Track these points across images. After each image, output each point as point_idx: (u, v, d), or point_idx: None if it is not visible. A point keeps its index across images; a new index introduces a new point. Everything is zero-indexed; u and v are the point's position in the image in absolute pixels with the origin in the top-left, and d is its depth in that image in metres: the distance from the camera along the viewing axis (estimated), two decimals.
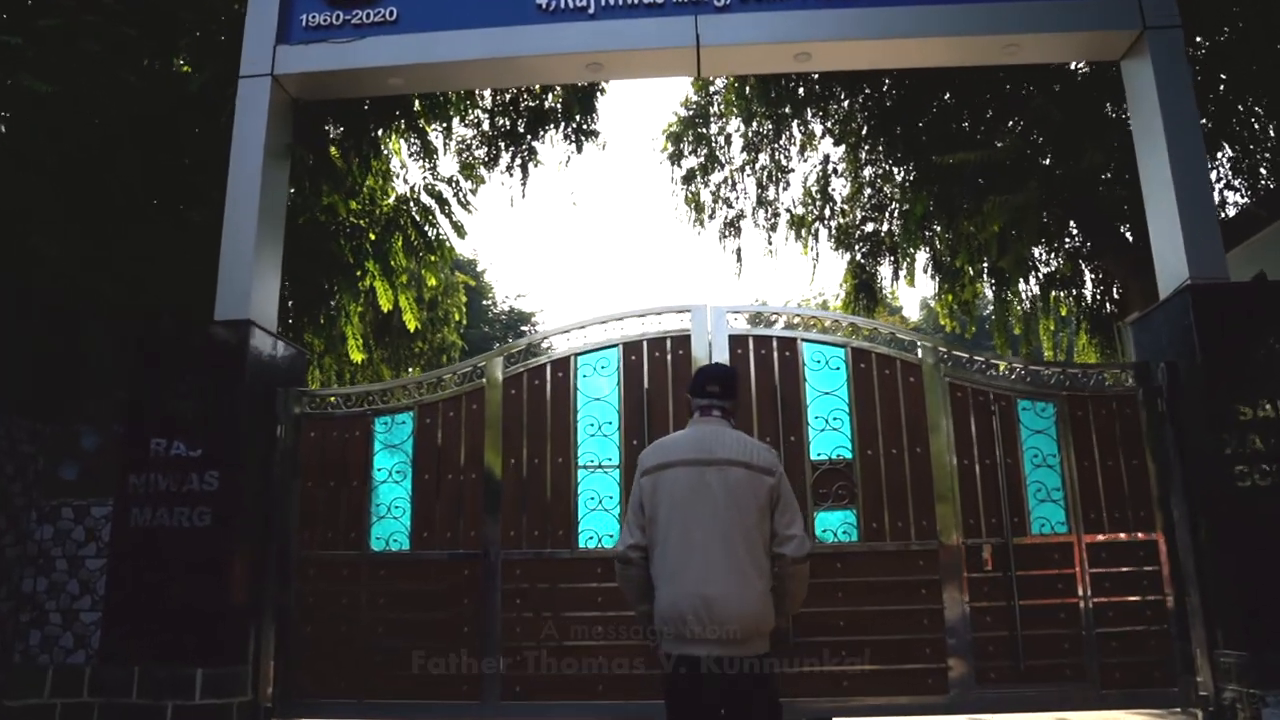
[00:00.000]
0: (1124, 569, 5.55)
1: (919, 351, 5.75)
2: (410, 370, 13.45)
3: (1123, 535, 5.61)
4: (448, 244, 8.43)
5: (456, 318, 17.14)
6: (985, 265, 10.17)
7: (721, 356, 5.63)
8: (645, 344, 5.74)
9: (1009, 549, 5.43)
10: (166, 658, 5.08)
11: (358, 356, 8.43)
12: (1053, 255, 11.50)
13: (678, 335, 5.75)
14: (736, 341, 5.74)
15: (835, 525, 5.54)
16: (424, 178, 8.57)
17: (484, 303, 31.34)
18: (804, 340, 5.75)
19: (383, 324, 15.36)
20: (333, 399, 6.11)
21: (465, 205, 8.52)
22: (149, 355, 5.61)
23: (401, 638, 5.52)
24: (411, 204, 8.39)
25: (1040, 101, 8.43)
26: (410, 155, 8.78)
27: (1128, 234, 9.40)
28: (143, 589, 5.25)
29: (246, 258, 5.87)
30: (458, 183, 8.49)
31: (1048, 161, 9.46)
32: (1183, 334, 5.50)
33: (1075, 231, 10.27)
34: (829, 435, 5.65)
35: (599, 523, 5.58)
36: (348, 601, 5.65)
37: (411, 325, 8.40)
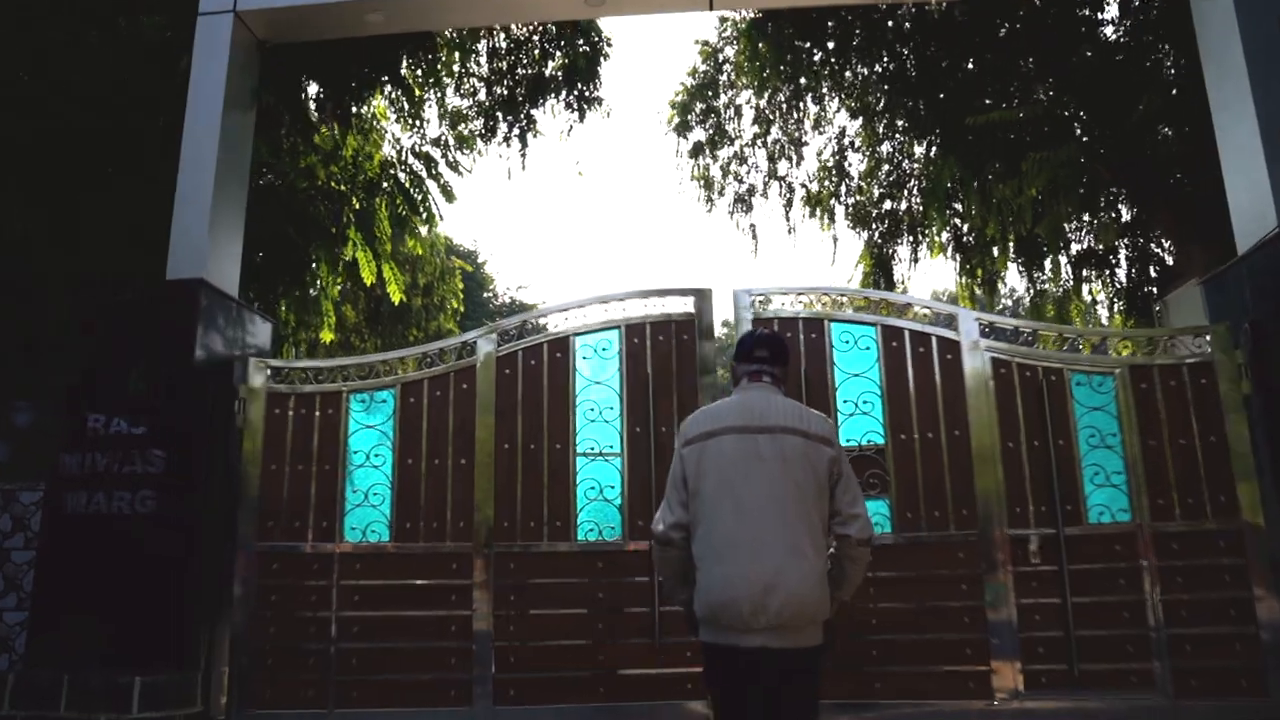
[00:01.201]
0: (1200, 561, 4.88)
1: (959, 324, 5.28)
2: None
3: (1198, 523, 4.93)
4: (435, 211, 7.76)
5: (454, 305, 16.57)
6: (1014, 239, 9.43)
7: None
8: (648, 326, 5.38)
9: (1060, 540, 4.91)
10: (101, 664, 4.43)
11: (327, 336, 7.78)
12: (1085, 231, 10.80)
13: (682, 319, 5.37)
14: (760, 325, 5.29)
15: None
16: (412, 142, 7.92)
17: (484, 295, 30.75)
18: (831, 320, 5.35)
19: (374, 309, 14.83)
20: (302, 372, 5.46)
21: (455, 168, 7.88)
22: (86, 322, 4.96)
23: (379, 639, 5.02)
24: (397, 167, 7.74)
25: (1082, 57, 7.73)
26: (396, 118, 8.11)
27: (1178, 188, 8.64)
28: (76, 585, 4.63)
29: (202, 211, 5.23)
30: (447, 144, 7.82)
31: (1084, 124, 8.75)
32: (1270, 289, 4.81)
33: (1117, 198, 9.55)
34: (859, 420, 5.24)
35: (599, 514, 5.17)
36: (317, 599, 5.10)
37: (396, 298, 7.79)
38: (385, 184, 7.70)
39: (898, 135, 12.45)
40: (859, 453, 5.13)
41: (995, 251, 10.73)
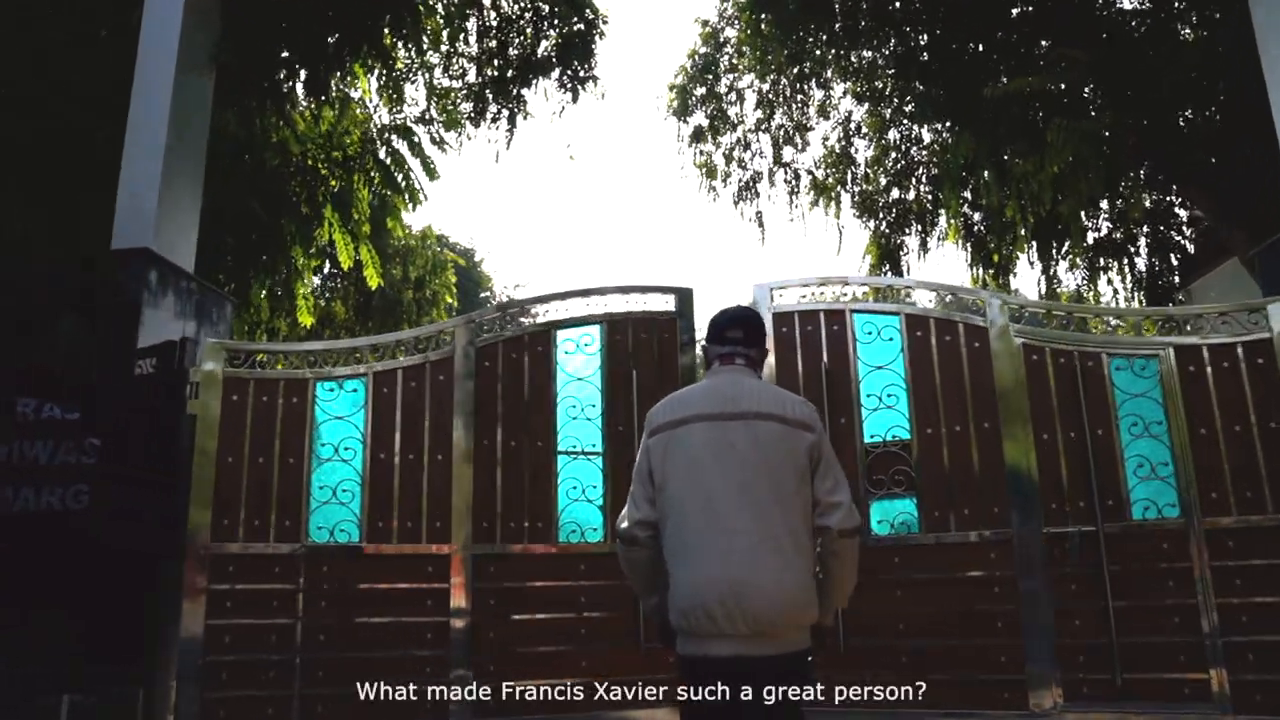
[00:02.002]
0: (1260, 561, 4.42)
1: (986, 309, 4.98)
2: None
3: (1257, 518, 4.46)
4: (419, 189, 7.24)
5: (448, 299, 16.11)
6: (1033, 219, 8.95)
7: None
8: (631, 323, 5.17)
9: (1100, 537, 4.55)
10: (25, 682, 3.91)
11: (306, 319, 7.27)
12: (1104, 219, 10.36)
13: (664, 318, 5.20)
14: (781, 319, 5.15)
15: (893, 515, 4.86)
16: (394, 118, 7.40)
17: (482, 295, 30.24)
18: (853, 311, 5.11)
19: (364, 303, 14.35)
20: (263, 356, 4.97)
21: (440, 144, 7.38)
22: (19, 297, 4.45)
23: (349, 648, 4.63)
24: (378, 143, 7.23)
25: (1101, 31, 7.25)
26: (378, 89, 7.58)
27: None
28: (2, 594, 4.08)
29: (151, 174, 4.76)
30: (431, 120, 7.31)
31: (1107, 98, 8.26)
32: None
33: (1139, 182, 9.08)
34: (883, 414, 4.98)
35: (582, 515, 4.95)
36: (279, 605, 4.66)
37: (373, 282, 7.30)
38: (365, 161, 7.16)
39: (905, 121, 12.06)
40: (884, 449, 4.88)
41: (1010, 238, 10.28)
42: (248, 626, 4.57)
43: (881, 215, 12.19)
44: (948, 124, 9.51)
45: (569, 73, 9.86)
